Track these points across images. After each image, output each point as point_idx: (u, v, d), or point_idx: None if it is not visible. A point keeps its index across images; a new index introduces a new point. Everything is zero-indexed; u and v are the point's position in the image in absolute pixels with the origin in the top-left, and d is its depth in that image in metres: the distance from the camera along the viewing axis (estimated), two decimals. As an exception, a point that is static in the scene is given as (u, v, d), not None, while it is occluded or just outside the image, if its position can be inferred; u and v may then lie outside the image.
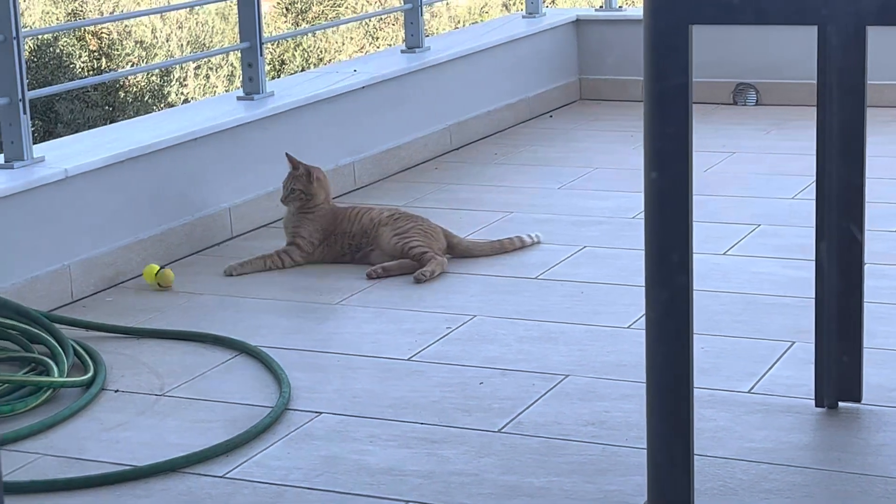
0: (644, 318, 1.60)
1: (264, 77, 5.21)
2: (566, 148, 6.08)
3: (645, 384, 2.37)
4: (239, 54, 5.45)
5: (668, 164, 1.22)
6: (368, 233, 4.43)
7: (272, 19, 13.66)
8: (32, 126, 4.28)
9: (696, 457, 2.48)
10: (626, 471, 2.93)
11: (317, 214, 4.48)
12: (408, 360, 3.62)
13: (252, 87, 5.18)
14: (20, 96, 4.16)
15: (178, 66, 12.41)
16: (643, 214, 1.92)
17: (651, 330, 1.36)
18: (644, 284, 1.35)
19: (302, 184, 4.48)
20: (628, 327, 3.79)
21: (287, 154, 4.55)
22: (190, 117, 4.93)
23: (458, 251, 4.46)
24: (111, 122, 9.83)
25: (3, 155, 4.23)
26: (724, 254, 4.45)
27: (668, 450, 1.77)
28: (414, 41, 6.12)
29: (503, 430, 3.16)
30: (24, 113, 4.18)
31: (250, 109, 5.02)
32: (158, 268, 4.22)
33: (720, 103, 6.79)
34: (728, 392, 3.33)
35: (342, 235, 4.45)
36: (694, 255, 2.32)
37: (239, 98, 5.18)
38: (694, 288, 2.31)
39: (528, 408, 3.28)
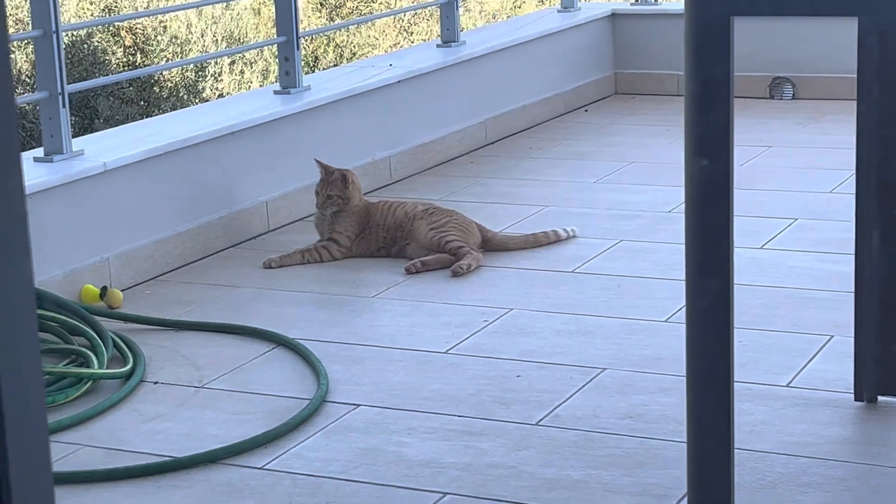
0: (685, 310, 1.60)
1: (301, 71, 5.23)
2: (601, 142, 6.07)
3: (684, 377, 2.37)
4: (274, 49, 5.46)
5: (717, 151, 1.22)
6: (403, 226, 4.44)
7: (305, 15, 13.69)
8: (71, 122, 4.31)
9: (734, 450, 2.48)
10: (664, 464, 2.93)
11: (350, 211, 4.49)
12: (445, 353, 3.63)
13: (289, 82, 5.19)
14: (59, 90, 4.18)
15: (212, 62, 12.46)
16: (683, 207, 1.91)
17: (698, 320, 1.36)
18: (689, 274, 1.35)
19: (338, 189, 4.49)
20: (665, 321, 3.79)
21: (317, 160, 4.56)
22: (227, 111, 4.95)
23: (493, 245, 4.46)
24: (146, 118, 9.87)
25: (42, 148, 4.25)
26: (761, 248, 4.43)
27: (708, 443, 1.77)
28: (450, 35, 6.12)
29: (541, 423, 3.17)
30: (64, 107, 4.21)
31: (287, 103, 5.03)
32: (94, 288, 4.06)
33: (756, 97, 6.76)
34: (766, 386, 3.32)
35: (376, 228, 4.46)
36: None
37: (276, 92, 5.20)
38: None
39: (565, 401, 3.29)
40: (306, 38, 12.76)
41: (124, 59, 12.30)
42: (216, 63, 12.50)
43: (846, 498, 2.77)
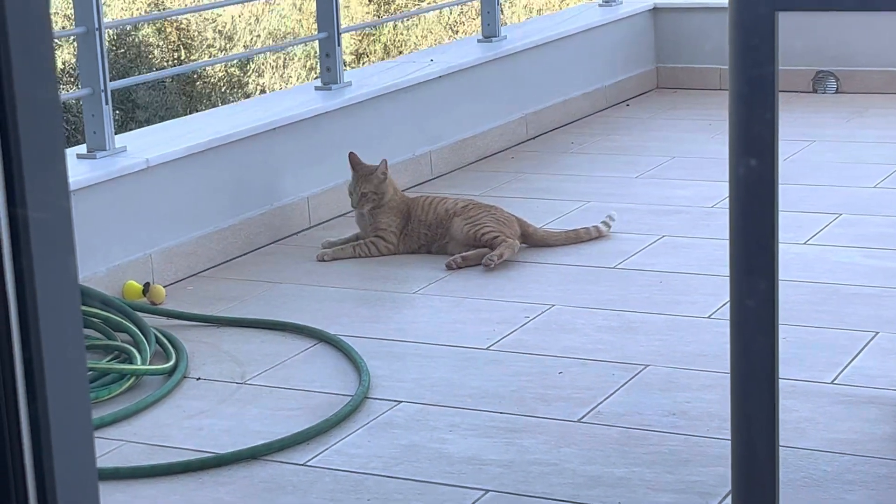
0: (729, 309, 1.58)
1: (342, 67, 5.23)
2: (643, 137, 6.05)
3: (727, 374, 2.35)
4: (316, 44, 5.46)
5: (764, 150, 1.21)
6: (443, 223, 4.43)
7: (351, 10, 13.69)
8: (113, 116, 4.33)
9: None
10: (707, 461, 2.91)
11: (388, 206, 4.47)
12: (486, 349, 3.62)
13: (330, 78, 5.20)
14: (102, 87, 4.20)
15: (255, 57, 12.50)
16: (725, 203, 1.91)
17: (745, 320, 1.35)
18: (735, 274, 1.34)
19: (373, 185, 4.45)
20: (708, 317, 3.77)
21: (352, 154, 4.51)
22: (269, 107, 4.96)
23: (534, 240, 4.45)
24: (190, 114, 9.91)
25: (85, 145, 4.27)
26: (805, 243, 4.40)
27: (753, 441, 1.75)
28: (490, 30, 6.11)
29: (583, 420, 3.15)
30: (107, 103, 4.22)
31: (328, 99, 5.04)
32: (137, 284, 4.07)
33: (800, 91, 6.71)
34: (811, 383, 3.29)
35: (417, 224, 4.45)
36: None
37: (317, 88, 5.20)
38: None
39: (607, 398, 3.27)
40: (355, 33, 12.74)
41: (169, 55, 12.36)
42: (257, 58, 12.53)
43: (891, 495, 2.74)
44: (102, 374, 3.43)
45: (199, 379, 3.50)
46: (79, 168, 4.10)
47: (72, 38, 7.33)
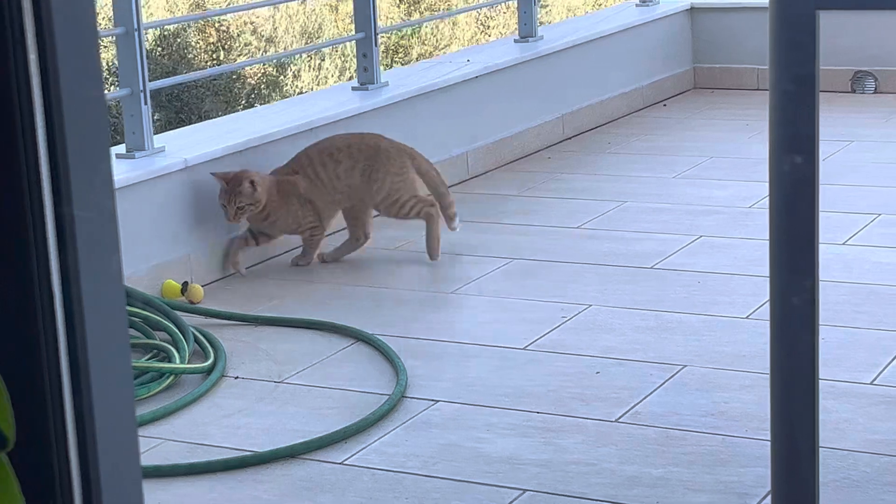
0: (770, 308, 1.58)
1: (378, 67, 5.24)
2: (681, 137, 6.03)
3: (765, 374, 2.35)
4: (350, 44, 5.47)
5: (809, 148, 1.21)
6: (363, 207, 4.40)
7: (385, 10, 13.73)
8: (160, 115, 4.34)
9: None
10: (746, 462, 2.90)
11: (282, 204, 4.30)
12: (524, 349, 3.62)
13: (367, 78, 5.21)
14: (141, 87, 4.22)
15: (292, 58, 12.54)
16: (763, 203, 1.90)
17: (789, 319, 1.35)
18: (778, 272, 1.34)
19: (247, 197, 4.19)
20: (747, 317, 3.75)
21: (212, 174, 4.23)
22: (306, 107, 4.97)
23: (418, 172, 4.42)
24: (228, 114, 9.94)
25: (124, 145, 4.30)
26: (844, 243, 4.38)
27: (793, 441, 1.75)
28: (527, 30, 6.11)
29: (620, 420, 3.15)
30: (145, 104, 4.25)
31: (365, 99, 5.05)
32: (176, 283, 4.06)
33: (838, 91, 6.68)
34: (850, 383, 3.28)
35: (326, 200, 4.36)
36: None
37: (354, 88, 5.21)
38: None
39: (645, 398, 3.27)
40: (386, 33, 12.77)
41: (208, 56, 12.41)
42: (295, 59, 12.57)
43: (932, 498, 2.73)
44: (141, 373, 3.45)
45: (236, 378, 3.51)
46: (118, 168, 4.12)
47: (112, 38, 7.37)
